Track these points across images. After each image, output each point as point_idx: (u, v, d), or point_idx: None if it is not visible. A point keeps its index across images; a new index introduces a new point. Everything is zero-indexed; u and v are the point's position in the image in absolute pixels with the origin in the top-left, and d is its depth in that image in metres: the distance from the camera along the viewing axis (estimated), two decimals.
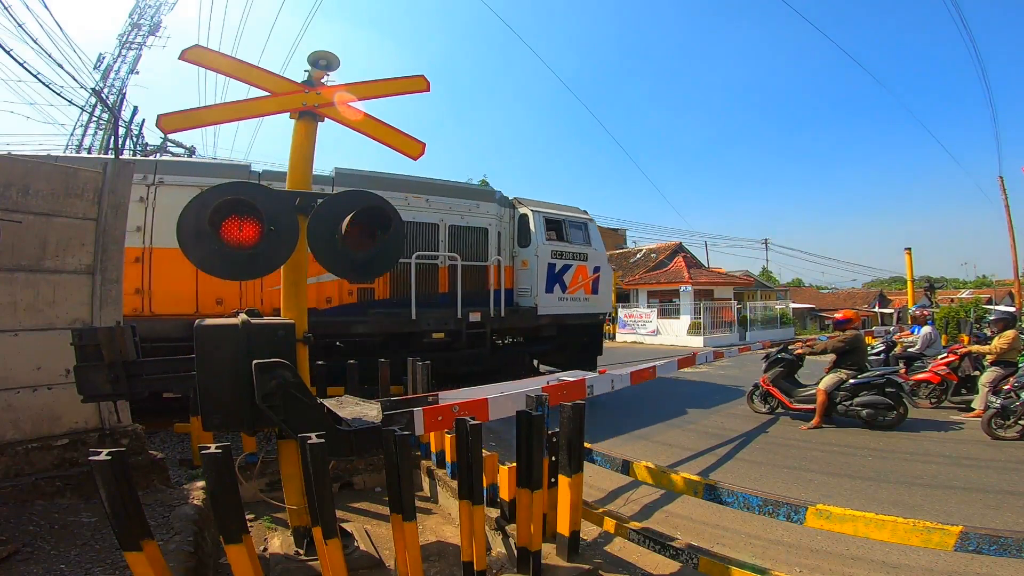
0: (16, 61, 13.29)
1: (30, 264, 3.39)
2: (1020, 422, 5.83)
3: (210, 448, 2.01)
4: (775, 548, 3.48)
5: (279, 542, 3.24)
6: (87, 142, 20.08)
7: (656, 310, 23.21)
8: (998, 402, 6.04)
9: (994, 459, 5.25)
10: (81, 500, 3.23)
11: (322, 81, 3.12)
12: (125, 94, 20.59)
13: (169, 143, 17.86)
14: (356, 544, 3.09)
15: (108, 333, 2.48)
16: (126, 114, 18.08)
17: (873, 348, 9.06)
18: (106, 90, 20.21)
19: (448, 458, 4.21)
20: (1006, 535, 1.80)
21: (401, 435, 2.39)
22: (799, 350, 7.48)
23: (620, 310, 24.09)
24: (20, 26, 15.23)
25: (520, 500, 2.77)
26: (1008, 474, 4.80)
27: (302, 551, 2.94)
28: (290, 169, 3.09)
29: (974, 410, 6.91)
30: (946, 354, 7.78)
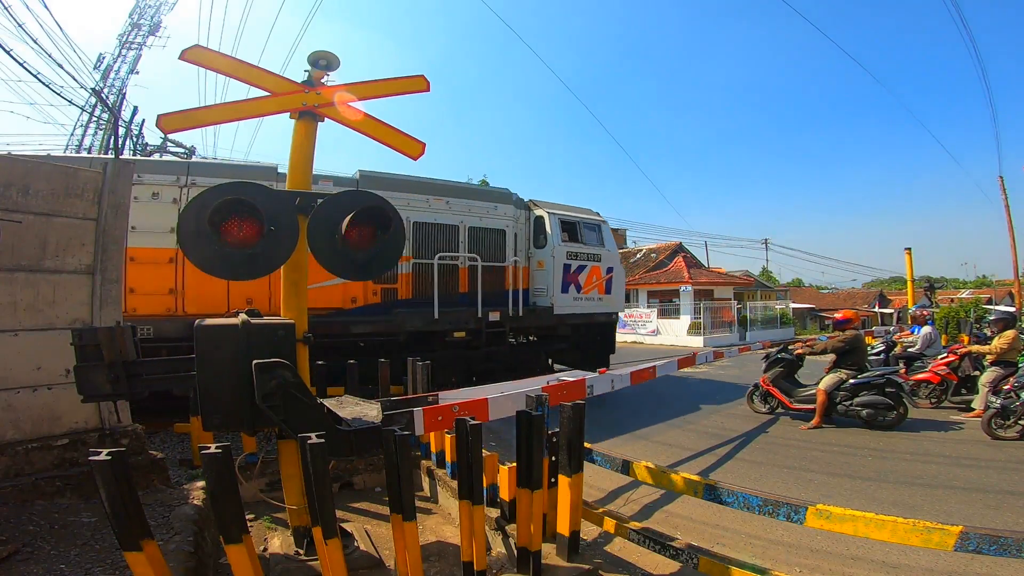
0: (16, 61, 13.28)
1: (30, 264, 3.39)
2: (1020, 422, 5.84)
3: (210, 448, 2.01)
4: (775, 548, 3.48)
5: (279, 542, 3.24)
6: (87, 142, 20.09)
7: (656, 310, 23.22)
8: (998, 402, 6.04)
9: (994, 459, 5.25)
10: (81, 500, 3.23)
11: (322, 81, 3.12)
12: (125, 94, 20.62)
13: (169, 143, 17.85)
14: (356, 544, 3.09)
15: (108, 333, 2.48)
16: (126, 114, 18.09)
17: (873, 348, 9.06)
18: (106, 90, 20.21)
19: (448, 458, 4.21)
20: (1006, 535, 1.80)
21: (401, 435, 2.39)
22: (799, 350, 7.48)
23: None
24: (20, 26, 15.25)
25: (520, 500, 2.77)
26: (1008, 474, 4.80)
27: (302, 551, 2.94)
28: (290, 169, 3.09)
29: (974, 410, 6.92)
30: (946, 354, 7.78)
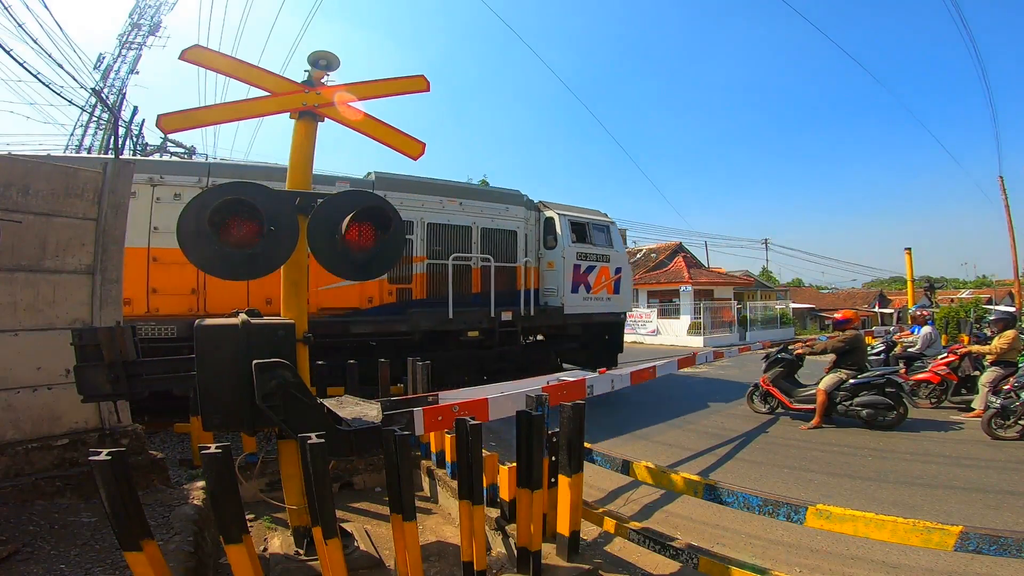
0: (16, 61, 13.28)
1: (30, 264, 3.39)
2: (1020, 422, 5.84)
3: (210, 448, 2.01)
4: (775, 548, 3.48)
5: (279, 542, 3.24)
6: (87, 142, 20.09)
7: (656, 310, 23.22)
8: (998, 402, 6.04)
9: (994, 459, 5.25)
10: (81, 500, 3.23)
11: (322, 81, 3.11)
12: (125, 94, 20.62)
13: (169, 143, 17.86)
14: (356, 544, 3.09)
15: (108, 333, 2.48)
16: (126, 114, 18.09)
17: (873, 348, 9.06)
18: (106, 90, 20.20)
19: (448, 458, 4.21)
20: (1006, 535, 1.80)
21: (401, 435, 2.39)
22: (799, 350, 7.48)
23: None
24: (20, 26, 15.25)
25: (520, 500, 2.77)
26: (1008, 474, 4.80)
27: (302, 551, 2.94)
28: (290, 169, 3.08)
29: (974, 410, 6.92)
30: (946, 354, 7.78)
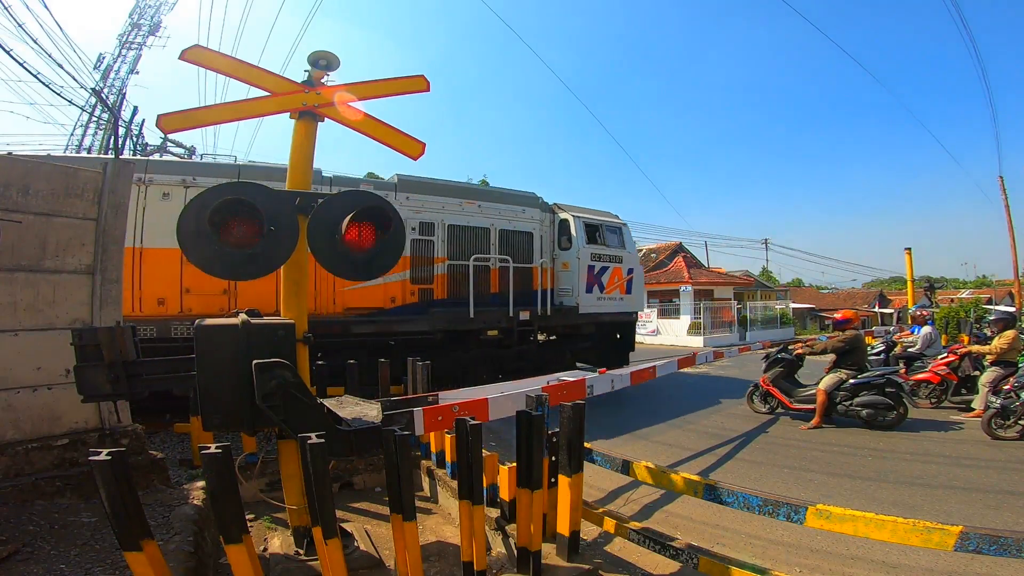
0: (16, 61, 13.29)
1: (30, 264, 3.38)
2: (1020, 422, 5.84)
3: (210, 448, 2.01)
4: (775, 548, 3.48)
5: (279, 542, 3.24)
6: (87, 142, 20.09)
7: (656, 310, 23.19)
8: (998, 402, 6.04)
9: (994, 459, 5.25)
10: (81, 500, 3.22)
11: (322, 81, 3.11)
12: (125, 94, 20.61)
13: (169, 143, 17.86)
14: (356, 544, 3.09)
15: (108, 333, 2.48)
16: (126, 114, 18.09)
17: (873, 348, 9.06)
18: (106, 90, 20.20)
19: (448, 458, 4.21)
20: (1006, 535, 1.80)
21: (401, 435, 2.39)
22: (799, 350, 7.48)
23: None
24: (20, 26, 15.24)
25: (520, 500, 2.77)
26: (1008, 474, 4.80)
27: (302, 551, 2.94)
28: (290, 169, 3.08)
29: (974, 410, 6.92)
30: (946, 354, 7.78)
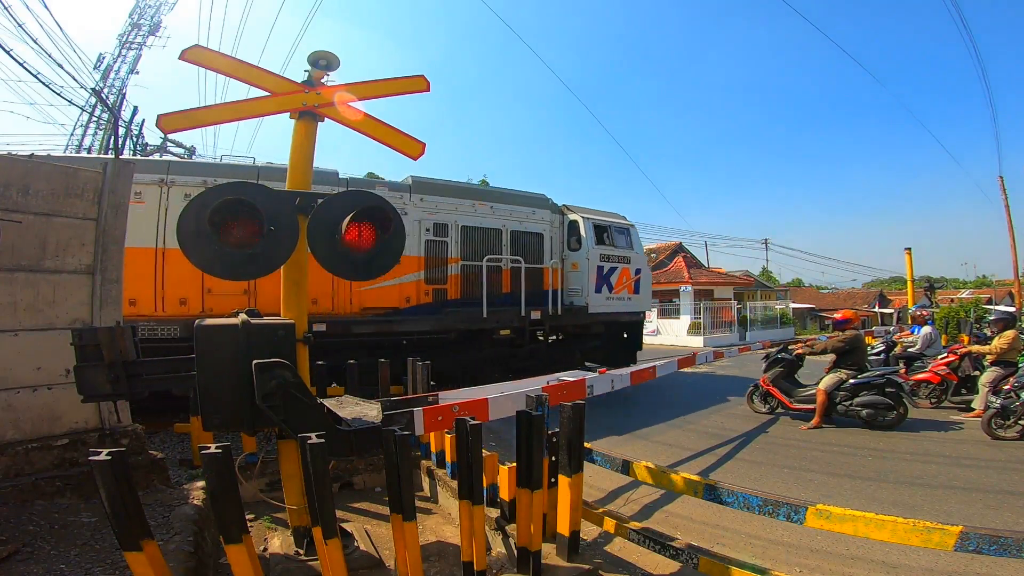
0: (16, 61, 13.29)
1: (30, 264, 3.38)
2: (1020, 422, 5.84)
3: (210, 448, 2.01)
4: (775, 548, 3.48)
5: (279, 542, 3.24)
6: (87, 142, 20.08)
7: (656, 310, 23.17)
8: (998, 402, 6.04)
9: (994, 459, 5.25)
10: (81, 500, 3.22)
11: (322, 81, 3.11)
12: (125, 94, 20.62)
13: (169, 143, 17.85)
14: (356, 544, 3.09)
15: (108, 333, 2.48)
16: (126, 114, 18.09)
17: (873, 348, 9.06)
18: (106, 90, 20.20)
19: (448, 458, 4.21)
20: (1006, 535, 1.80)
21: (401, 435, 2.39)
22: (799, 350, 7.48)
23: None
24: (20, 26, 15.24)
25: (520, 500, 2.77)
26: (1008, 474, 4.80)
27: (302, 551, 2.94)
28: (290, 169, 3.08)
29: (974, 410, 6.92)
30: (946, 354, 7.78)
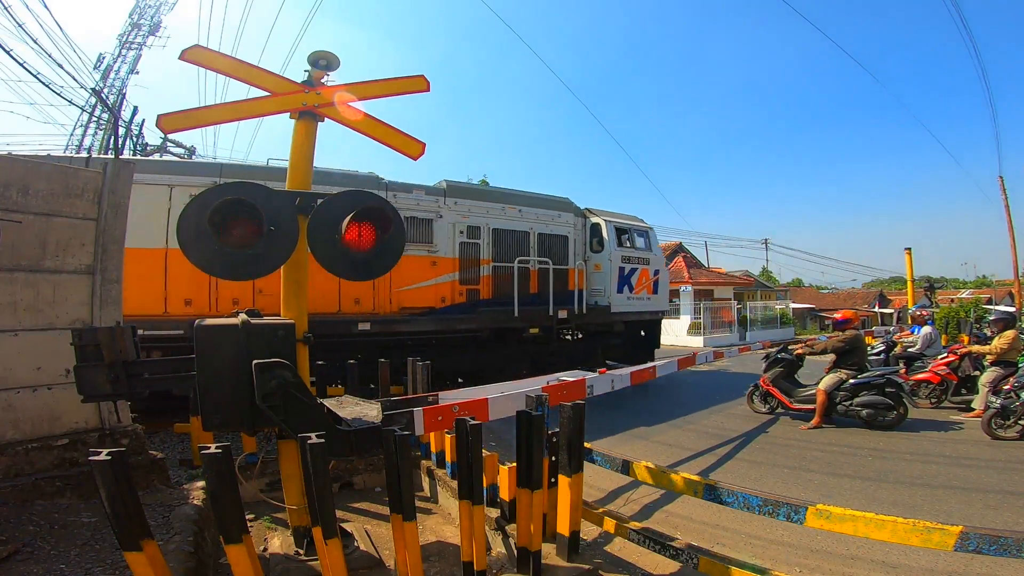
0: (16, 61, 13.27)
1: (30, 264, 3.38)
2: (1020, 422, 5.84)
3: (210, 448, 2.01)
4: (775, 548, 3.48)
5: (279, 542, 3.24)
6: (87, 142, 20.07)
7: None
8: (998, 402, 6.04)
9: (994, 459, 5.25)
10: (81, 500, 3.22)
11: (322, 81, 3.11)
12: (125, 94, 20.60)
13: (169, 143, 17.87)
14: (356, 544, 3.09)
15: (108, 333, 2.48)
16: (126, 114, 18.09)
17: (873, 348, 9.06)
18: (106, 90, 20.19)
19: (448, 458, 4.21)
20: (1006, 535, 1.80)
21: (401, 435, 2.39)
22: (799, 350, 7.48)
23: None
24: (20, 26, 15.24)
25: (520, 500, 2.77)
26: (1008, 474, 4.80)
27: (302, 551, 2.94)
28: (290, 169, 3.08)
29: (974, 410, 6.91)
30: (946, 354, 7.78)
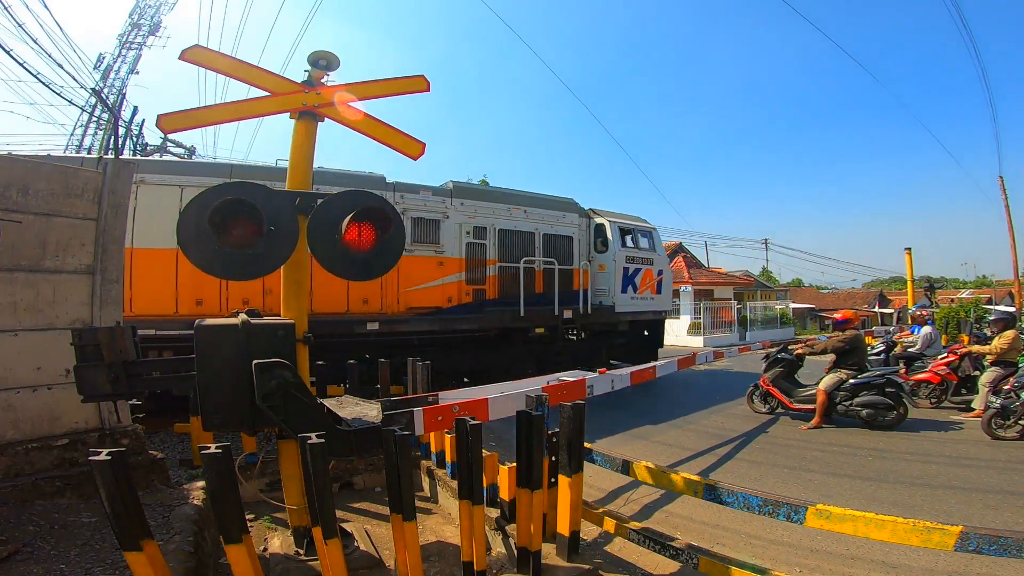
0: (16, 61, 13.25)
1: (30, 264, 3.38)
2: (1020, 422, 5.84)
3: (210, 448, 2.01)
4: (775, 548, 3.48)
5: (279, 542, 3.24)
6: (87, 142, 20.06)
7: None
8: (998, 402, 6.04)
9: (994, 459, 5.25)
10: (81, 500, 3.22)
11: (322, 81, 3.11)
12: (125, 94, 20.59)
13: (169, 143, 17.87)
14: (356, 544, 3.09)
15: (108, 333, 2.48)
16: (126, 114, 18.04)
17: (873, 348, 9.06)
18: (106, 90, 20.18)
19: (448, 458, 4.21)
20: (1006, 535, 1.80)
21: (401, 435, 2.39)
22: (799, 350, 7.48)
23: None
24: (20, 26, 15.23)
25: (520, 500, 2.77)
26: (1008, 474, 4.80)
27: (302, 551, 2.94)
28: (290, 169, 3.08)
29: (974, 410, 6.91)
30: (946, 354, 7.78)
